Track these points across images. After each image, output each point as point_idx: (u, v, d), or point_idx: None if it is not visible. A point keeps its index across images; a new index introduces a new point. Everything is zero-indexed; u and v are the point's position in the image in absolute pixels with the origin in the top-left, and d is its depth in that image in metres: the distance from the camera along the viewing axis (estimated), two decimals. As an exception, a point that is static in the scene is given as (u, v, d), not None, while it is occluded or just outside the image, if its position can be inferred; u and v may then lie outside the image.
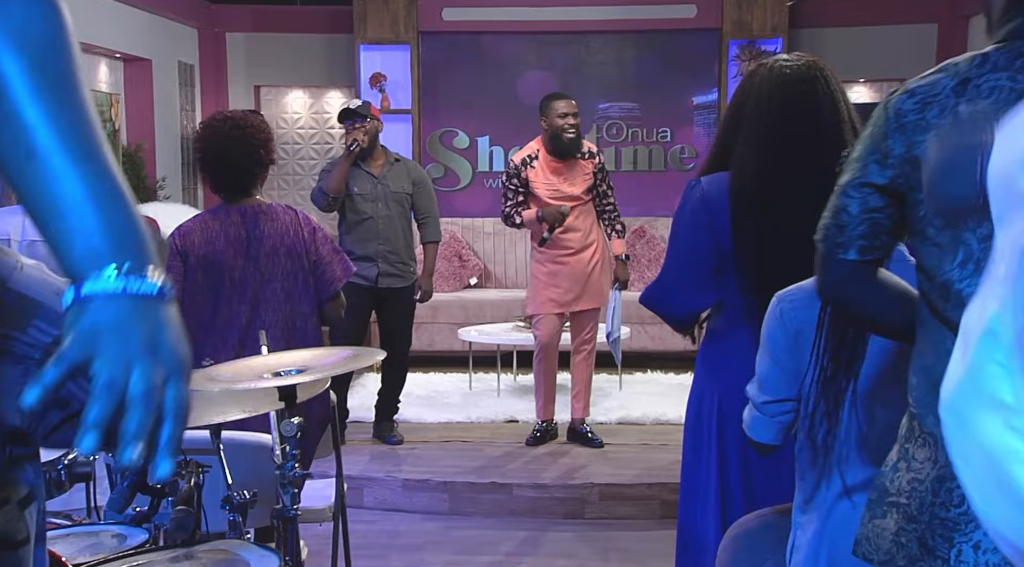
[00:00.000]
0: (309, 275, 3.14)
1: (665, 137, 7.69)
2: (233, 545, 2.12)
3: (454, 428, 5.50)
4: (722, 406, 2.37)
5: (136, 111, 7.19)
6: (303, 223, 3.17)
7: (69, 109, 0.91)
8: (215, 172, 3.18)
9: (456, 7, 7.51)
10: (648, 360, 6.80)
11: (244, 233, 3.10)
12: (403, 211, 5.13)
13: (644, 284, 7.00)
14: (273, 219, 3.13)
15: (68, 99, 0.92)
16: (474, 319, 6.77)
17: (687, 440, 2.50)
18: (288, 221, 3.15)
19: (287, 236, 3.12)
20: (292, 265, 3.12)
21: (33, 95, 0.89)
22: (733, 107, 2.35)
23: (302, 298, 3.14)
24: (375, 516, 4.61)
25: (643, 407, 5.70)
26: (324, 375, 2.18)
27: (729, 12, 7.39)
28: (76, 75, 0.95)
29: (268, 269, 3.09)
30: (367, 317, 5.20)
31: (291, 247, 3.11)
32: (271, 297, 3.10)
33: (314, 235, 3.17)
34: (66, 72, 0.94)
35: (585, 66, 7.69)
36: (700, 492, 2.44)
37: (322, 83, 8.29)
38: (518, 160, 4.97)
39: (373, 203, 5.07)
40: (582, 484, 4.63)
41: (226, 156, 3.12)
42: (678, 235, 2.39)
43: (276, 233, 3.11)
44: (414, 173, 5.22)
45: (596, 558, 4.15)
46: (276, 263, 3.10)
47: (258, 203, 3.17)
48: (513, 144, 7.74)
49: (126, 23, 6.76)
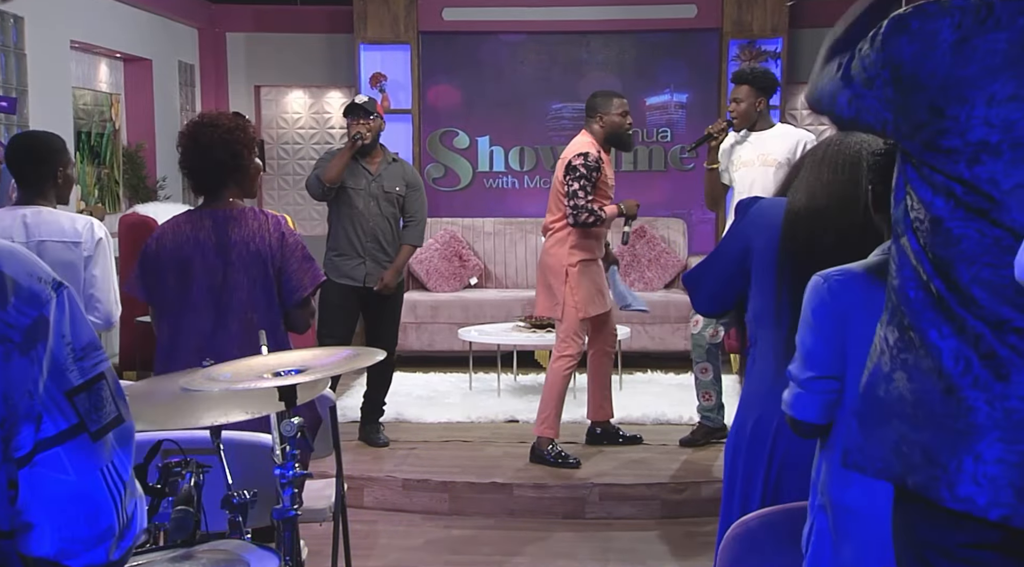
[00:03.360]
0: (274, 282, 3.08)
1: (665, 137, 7.69)
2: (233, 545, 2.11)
3: (454, 428, 5.49)
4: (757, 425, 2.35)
5: (136, 111, 7.19)
6: (272, 229, 3.10)
7: None
8: (194, 173, 3.15)
9: (456, 7, 7.52)
10: (648, 360, 6.80)
11: (213, 238, 3.06)
12: (393, 211, 5.14)
13: (645, 284, 7.04)
14: (242, 224, 3.08)
15: None
16: (474, 319, 6.77)
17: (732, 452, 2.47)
18: (256, 227, 3.09)
19: (253, 242, 3.06)
20: (256, 272, 3.05)
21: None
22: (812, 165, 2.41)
23: (266, 305, 3.07)
24: (375, 516, 4.61)
25: (643, 407, 5.70)
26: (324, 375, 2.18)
27: (729, 12, 7.39)
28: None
29: (232, 275, 3.05)
30: (355, 318, 5.19)
31: (256, 253, 3.05)
32: (235, 304, 3.05)
33: (282, 241, 3.09)
34: None
35: (585, 66, 7.69)
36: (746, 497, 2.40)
37: (322, 83, 8.29)
38: (595, 152, 4.72)
39: (364, 199, 5.08)
40: (582, 484, 4.63)
41: (206, 157, 3.09)
42: (723, 242, 2.57)
43: (243, 239, 3.06)
44: (409, 175, 5.22)
45: (596, 558, 4.15)
46: (241, 270, 3.04)
47: (231, 207, 3.11)
48: (513, 144, 7.75)
49: (126, 23, 6.76)
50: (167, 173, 7.30)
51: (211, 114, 3.22)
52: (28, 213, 3.39)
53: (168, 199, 7.21)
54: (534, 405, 5.78)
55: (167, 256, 3.07)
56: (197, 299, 3.05)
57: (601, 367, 5.12)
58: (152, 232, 3.22)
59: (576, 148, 4.74)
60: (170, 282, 3.07)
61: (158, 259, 3.09)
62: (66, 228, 3.41)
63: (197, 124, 3.14)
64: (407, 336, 6.90)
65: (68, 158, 3.52)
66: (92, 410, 1.06)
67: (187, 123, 3.24)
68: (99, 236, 3.47)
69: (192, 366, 2.45)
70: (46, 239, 3.37)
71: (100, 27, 6.40)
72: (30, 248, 3.41)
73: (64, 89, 5.94)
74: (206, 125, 3.11)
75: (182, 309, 3.06)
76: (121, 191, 7.04)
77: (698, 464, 4.86)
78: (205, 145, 3.07)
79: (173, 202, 7.20)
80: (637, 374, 6.58)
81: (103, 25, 6.44)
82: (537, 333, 6.03)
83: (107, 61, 6.91)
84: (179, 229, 3.11)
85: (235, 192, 3.15)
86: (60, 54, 5.85)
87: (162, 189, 7.25)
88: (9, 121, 5.26)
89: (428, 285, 7.27)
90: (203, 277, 3.05)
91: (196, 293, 3.05)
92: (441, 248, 7.32)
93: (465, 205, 7.72)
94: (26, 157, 3.43)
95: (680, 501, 4.58)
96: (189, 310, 3.05)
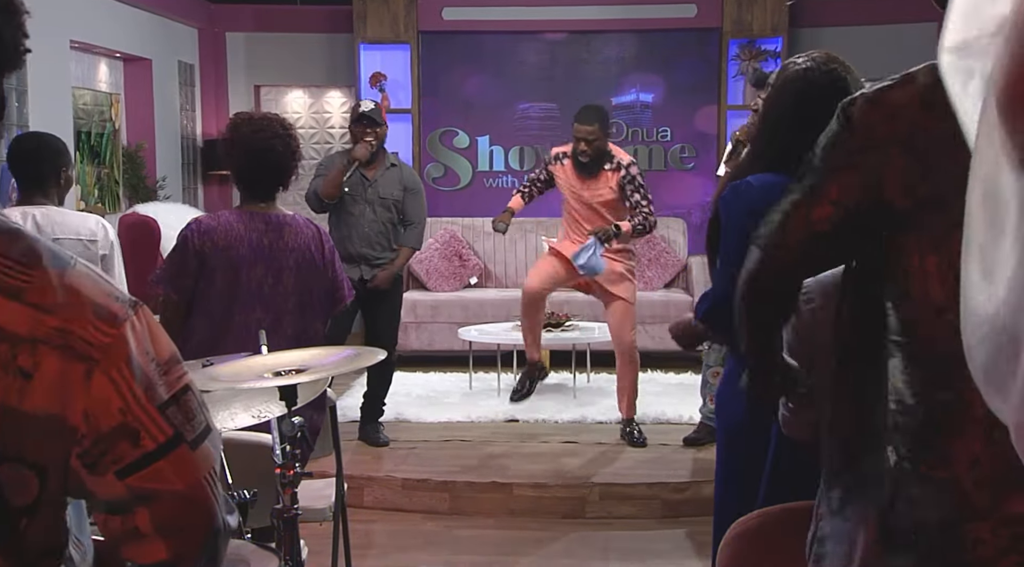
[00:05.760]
0: (325, 291, 3.16)
1: (665, 137, 7.69)
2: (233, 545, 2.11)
3: (454, 428, 5.49)
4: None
5: (136, 111, 7.19)
6: (324, 240, 3.20)
7: None
8: (254, 171, 3.13)
9: (456, 7, 7.51)
10: (648, 360, 6.78)
11: (267, 242, 3.07)
12: (390, 216, 5.12)
13: (645, 284, 7.02)
14: (297, 232, 3.13)
15: None
16: (474, 319, 6.76)
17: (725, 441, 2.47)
18: (310, 236, 3.16)
19: (308, 251, 3.11)
20: (309, 280, 3.11)
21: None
22: (770, 108, 2.37)
23: (315, 313, 3.15)
24: (375, 516, 4.61)
25: (643, 407, 5.68)
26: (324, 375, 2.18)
27: (729, 12, 7.39)
28: None
29: (288, 281, 3.08)
30: (349, 321, 5.17)
31: (311, 262, 3.11)
32: (289, 309, 3.08)
33: (333, 254, 3.21)
34: None
35: (585, 66, 7.69)
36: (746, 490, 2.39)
37: (322, 83, 8.29)
38: (554, 153, 5.20)
39: (361, 204, 5.06)
40: (582, 484, 4.63)
41: (270, 155, 3.08)
42: (729, 245, 2.25)
43: (299, 247, 3.10)
44: (408, 179, 5.20)
45: (596, 558, 4.15)
46: (296, 276, 3.08)
47: (282, 213, 3.17)
48: (513, 144, 7.75)
49: (126, 23, 6.76)
50: (167, 173, 7.30)
51: (264, 115, 3.23)
52: (37, 213, 3.40)
53: (168, 199, 7.20)
54: (534, 405, 5.80)
55: (218, 254, 3.04)
56: (245, 300, 3.04)
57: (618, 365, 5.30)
58: (154, 232, 3.23)
59: (560, 146, 5.21)
60: (217, 280, 3.04)
61: (204, 256, 3.04)
62: (80, 227, 3.43)
63: (274, 122, 3.14)
64: (407, 336, 6.90)
65: (70, 159, 3.56)
66: (185, 421, 1.10)
67: (249, 118, 3.20)
68: (112, 235, 3.51)
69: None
70: (61, 237, 3.37)
71: (100, 27, 6.40)
72: None
73: (64, 89, 5.94)
74: (284, 124, 3.14)
75: (230, 308, 3.04)
76: (121, 191, 7.03)
77: (699, 464, 4.85)
78: (288, 147, 3.08)
79: (173, 202, 7.21)
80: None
81: (103, 25, 6.44)
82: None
83: (107, 61, 6.91)
84: (231, 229, 3.07)
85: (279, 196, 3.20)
86: (60, 54, 5.85)
87: (162, 189, 7.25)
88: (9, 121, 5.26)
89: (428, 285, 7.27)
90: (254, 279, 3.05)
91: (245, 294, 3.04)
92: (441, 248, 7.32)
93: (465, 205, 7.72)
94: (29, 157, 3.46)
95: (680, 501, 4.58)
96: (237, 310, 3.04)
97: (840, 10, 7.61)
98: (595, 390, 6.17)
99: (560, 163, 5.11)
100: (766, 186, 2.21)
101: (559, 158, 5.13)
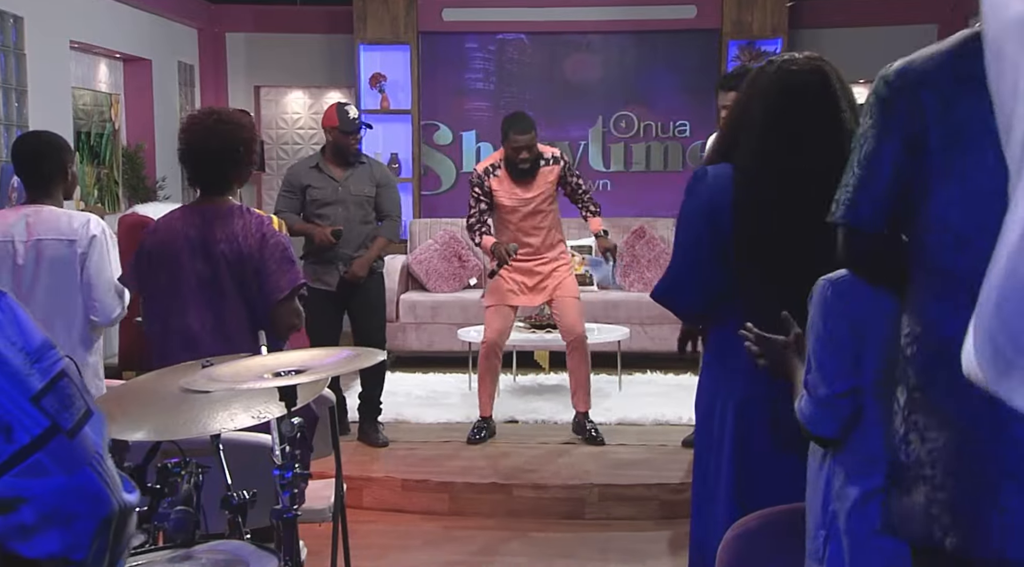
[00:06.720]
0: (250, 283, 3.03)
1: (665, 137, 7.68)
2: (233, 546, 2.11)
3: (454, 428, 5.49)
4: (742, 408, 2.36)
5: (136, 111, 7.19)
6: (254, 229, 3.05)
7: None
8: (192, 165, 3.15)
9: (456, 7, 7.51)
10: (648, 360, 6.80)
11: (199, 235, 3.05)
12: (364, 213, 5.08)
13: (644, 285, 7.03)
14: (226, 223, 3.05)
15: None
16: (474, 319, 6.75)
17: (699, 443, 2.50)
18: (240, 226, 3.05)
19: (235, 241, 3.03)
20: (232, 271, 3.03)
21: None
22: (740, 102, 2.39)
23: (237, 305, 3.04)
24: (375, 516, 4.61)
25: (642, 408, 5.70)
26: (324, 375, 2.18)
27: (729, 12, 7.39)
28: None
29: (212, 273, 3.04)
30: (339, 321, 5.16)
31: (236, 253, 3.02)
32: (211, 301, 3.04)
33: (262, 242, 3.03)
34: None
35: (585, 66, 7.69)
36: (711, 495, 2.42)
37: (322, 83, 8.29)
38: (481, 169, 5.11)
39: (332, 206, 5.02)
40: (582, 484, 4.63)
41: (205, 150, 3.08)
42: (684, 231, 2.45)
43: (225, 238, 3.03)
44: (378, 175, 5.17)
45: (596, 558, 4.15)
46: (220, 268, 3.02)
47: (220, 205, 3.10)
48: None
49: (126, 23, 6.76)
50: (167, 173, 7.30)
51: (223, 109, 3.24)
52: (30, 212, 3.45)
53: (168, 199, 7.20)
54: (534, 405, 5.80)
55: (158, 252, 3.07)
56: (187, 296, 3.04)
57: (569, 361, 5.28)
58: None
59: (484, 161, 5.25)
60: (162, 278, 3.06)
61: (150, 255, 3.09)
62: (63, 226, 3.44)
63: (211, 117, 3.13)
64: (407, 336, 6.90)
65: (73, 156, 3.59)
66: (62, 409, 1.07)
67: (193, 114, 3.23)
68: (93, 233, 3.46)
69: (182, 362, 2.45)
70: (43, 237, 3.41)
71: (100, 27, 6.40)
72: (29, 247, 3.45)
73: (64, 89, 5.94)
74: (221, 118, 3.11)
75: (172, 305, 3.06)
76: (121, 191, 7.03)
77: (698, 464, 4.85)
78: (225, 139, 3.06)
79: (173, 202, 7.21)
80: (637, 374, 6.57)
81: (103, 25, 6.44)
82: (536, 333, 6.03)
83: (107, 61, 6.91)
84: (171, 225, 3.10)
85: (232, 189, 3.15)
86: (60, 54, 5.85)
87: (162, 189, 7.25)
88: (9, 121, 5.27)
89: (427, 285, 7.27)
90: (192, 274, 3.04)
91: (186, 290, 3.04)
92: (440, 249, 7.31)
93: (464, 205, 7.67)
94: (34, 156, 3.47)
95: (680, 501, 4.57)
96: (179, 307, 3.05)
97: (840, 11, 7.61)
98: (594, 391, 6.16)
99: (494, 176, 5.08)
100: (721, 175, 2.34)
101: (490, 172, 5.08)
